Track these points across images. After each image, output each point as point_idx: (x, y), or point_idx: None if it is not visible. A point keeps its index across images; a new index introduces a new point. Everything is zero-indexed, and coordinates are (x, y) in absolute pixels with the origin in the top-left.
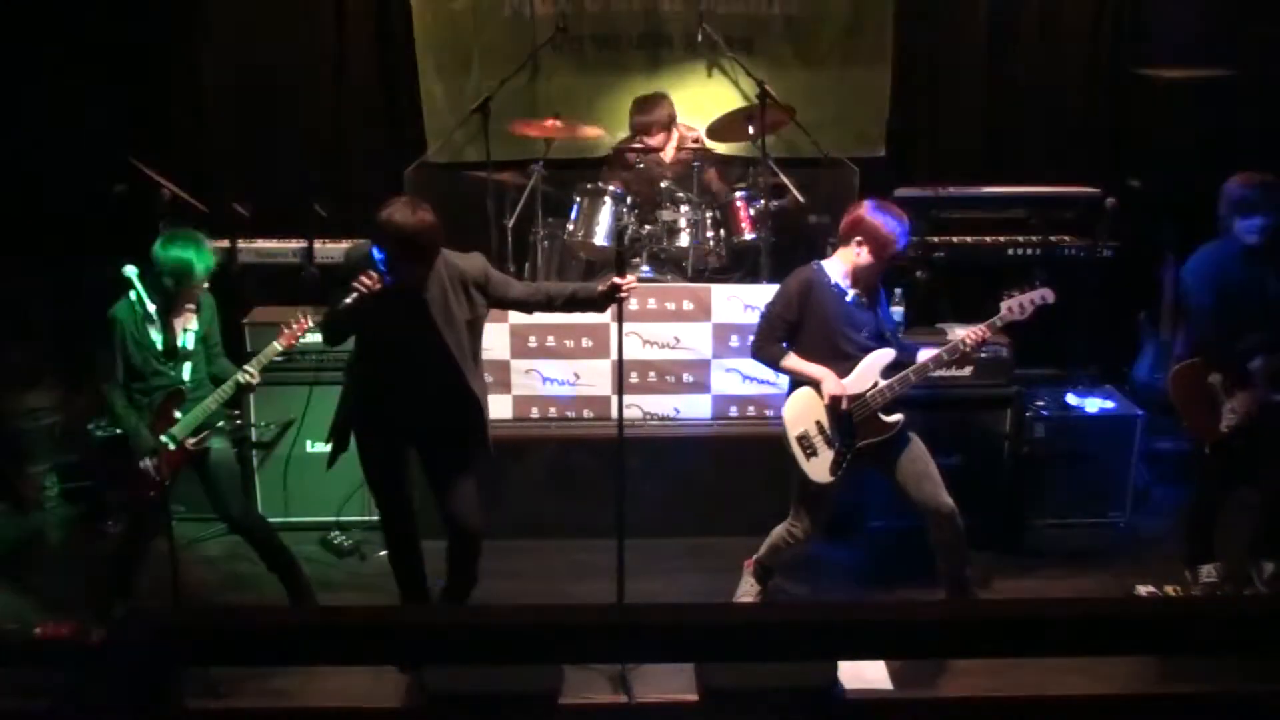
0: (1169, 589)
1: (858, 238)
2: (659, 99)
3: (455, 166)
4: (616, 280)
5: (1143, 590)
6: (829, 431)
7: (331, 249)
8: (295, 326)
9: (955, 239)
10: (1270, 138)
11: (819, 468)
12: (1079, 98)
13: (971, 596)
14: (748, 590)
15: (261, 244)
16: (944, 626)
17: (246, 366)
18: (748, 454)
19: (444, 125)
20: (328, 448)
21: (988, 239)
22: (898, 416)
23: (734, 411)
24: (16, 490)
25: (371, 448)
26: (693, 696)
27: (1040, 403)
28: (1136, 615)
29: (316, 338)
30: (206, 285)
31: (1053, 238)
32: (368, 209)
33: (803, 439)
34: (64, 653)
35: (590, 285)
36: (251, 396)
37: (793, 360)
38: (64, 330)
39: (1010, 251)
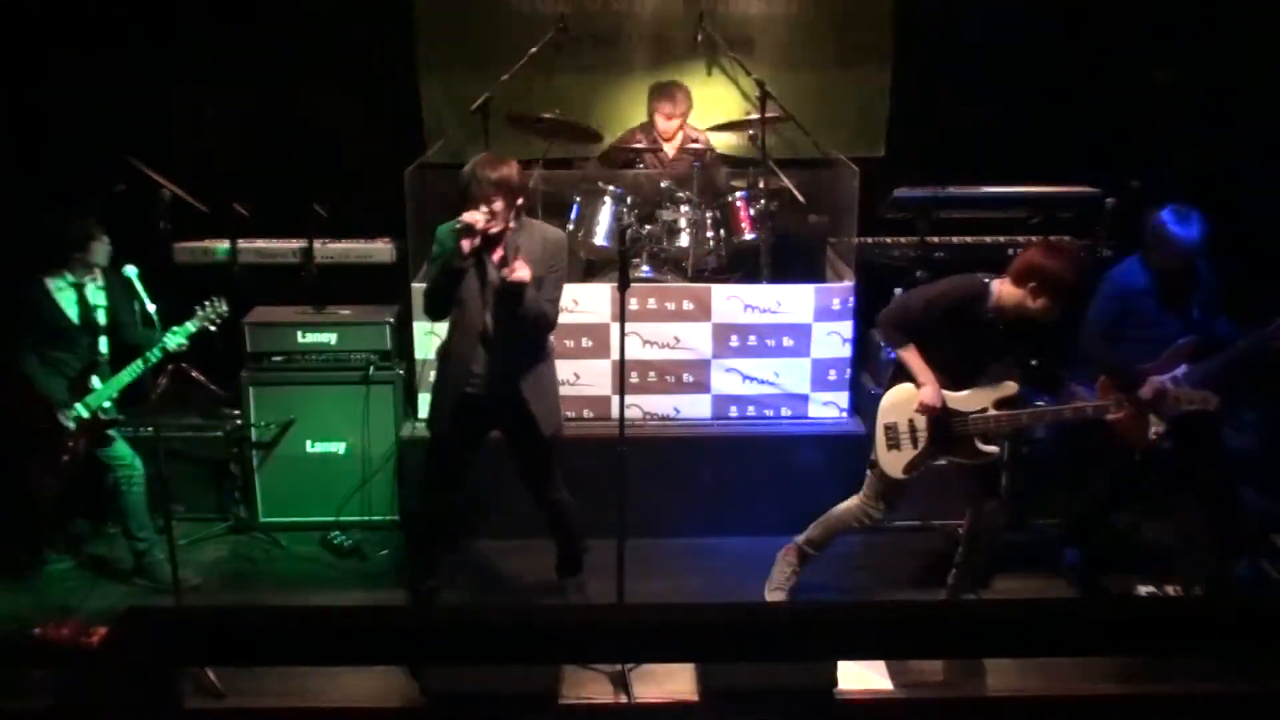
0: (1169, 589)
1: (1033, 284)
2: (681, 87)
3: (455, 166)
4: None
5: (1143, 590)
6: (919, 432)
7: (331, 249)
8: (207, 312)
9: (955, 239)
10: (1269, 137)
11: (895, 461)
12: (1079, 98)
13: (977, 587)
14: (783, 578)
15: (261, 244)
16: (944, 626)
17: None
18: (748, 454)
19: (444, 125)
20: (328, 448)
21: (988, 239)
22: (994, 449)
23: (734, 411)
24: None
25: (446, 418)
26: (693, 696)
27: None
28: (1136, 615)
29: (318, 337)
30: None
31: (1053, 238)
32: (368, 209)
33: (890, 429)
34: (64, 653)
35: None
36: (252, 396)
37: (911, 354)
38: None
39: (1010, 251)
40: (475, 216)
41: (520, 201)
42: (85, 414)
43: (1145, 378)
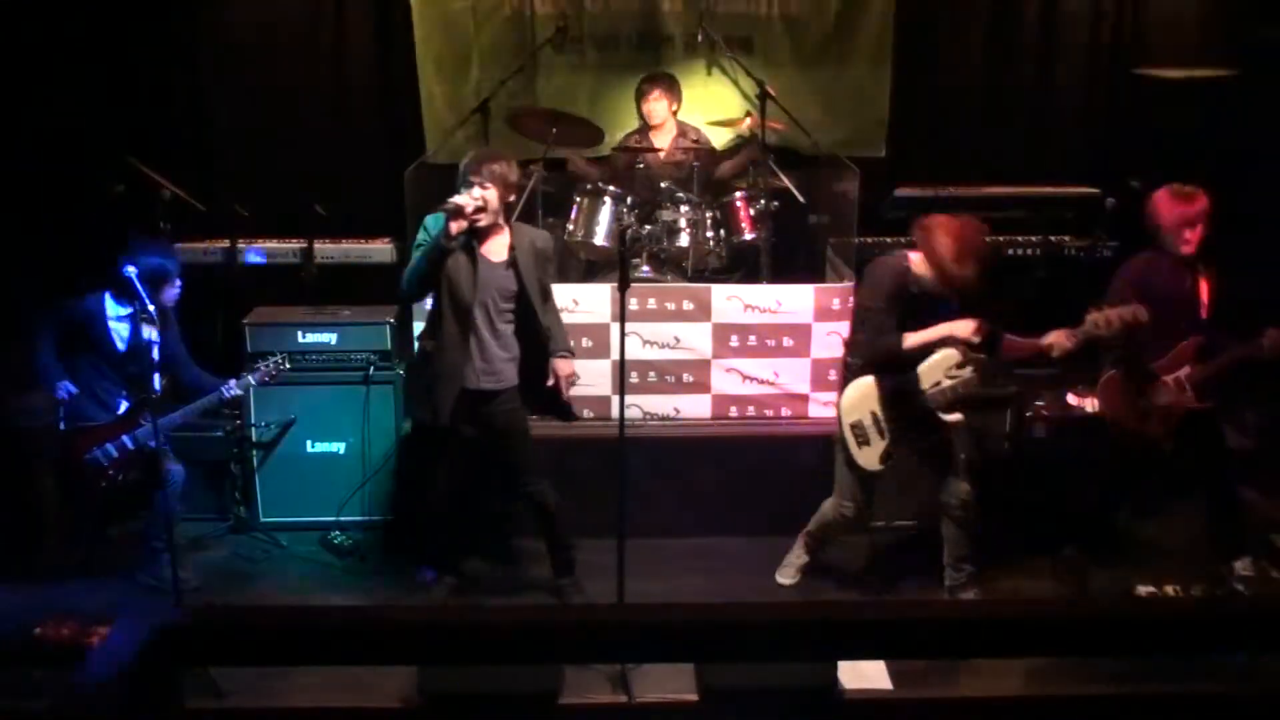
0: (1169, 589)
1: (921, 253)
2: (669, 75)
3: (455, 167)
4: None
5: (1143, 590)
6: (883, 422)
7: (331, 249)
8: (270, 368)
9: None
10: (1270, 138)
11: (869, 456)
12: (1079, 98)
13: (971, 585)
14: (796, 565)
15: (261, 244)
16: (944, 626)
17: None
18: (748, 454)
19: (444, 125)
20: (328, 448)
21: (988, 238)
22: (958, 416)
23: (734, 411)
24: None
25: (447, 409)
26: (693, 696)
27: (1040, 403)
28: (1136, 615)
29: (318, 337)
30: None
31: (1053, 238)
32: (368, 209)
33: (856, 427)
34: (64, 653)
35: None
36: (252, 396)
37: (914, 337)
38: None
39: (1010, 251)
40: (464, 200)
41: (512, 198)
42: (131, 446)
43: (1156, 376)
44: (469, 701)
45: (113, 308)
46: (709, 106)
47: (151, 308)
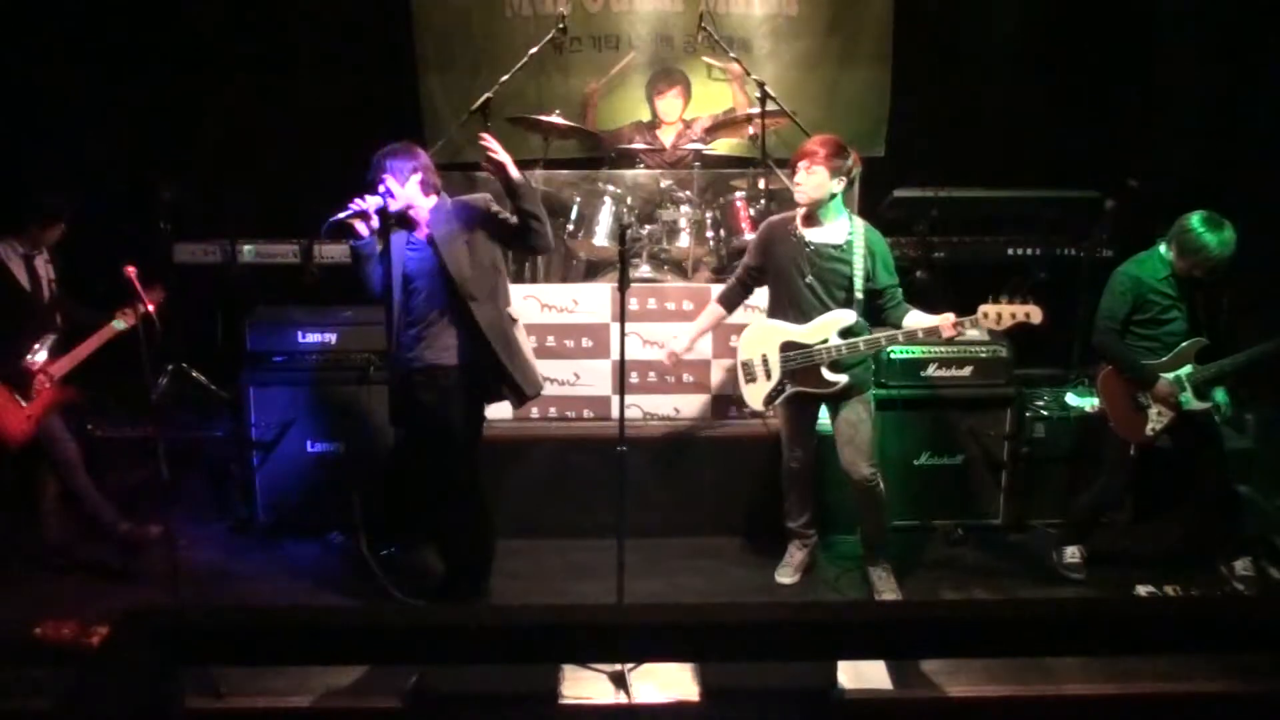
0: (1169, 589)
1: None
2: (683, 77)
3: (455, 166)
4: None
5: (1143, 590)
6: (770, 366)
7: (331, 249)
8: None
9: (955, 239)
10: (1270, 138)
11: (753, 394)
12: (1079, 98)
13: (884, 564)
14: (794, 560)
15: (262, 244)
16: (944, 626)
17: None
18: (748, 454)
19: (444, 125)
20: (328, 448)
21: (988, 239)
22: (841, 377)
23: (734, 411)
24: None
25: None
26: (693, 696)
27: (1040, 403)
28: (1136, 615)
29: (318, 337)
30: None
31: (1052, 238)
32: None
33: (746, 365)
34: (64, 653)
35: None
36: (252, 396)
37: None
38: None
39: (1010, 251)
40: (361, 202)
41: (420, 180)
42: (48, 385)
43: (1155, 375)
44: (469, 701)
45: (5, 252)
46: (709, 106)
47: (152, 307)
